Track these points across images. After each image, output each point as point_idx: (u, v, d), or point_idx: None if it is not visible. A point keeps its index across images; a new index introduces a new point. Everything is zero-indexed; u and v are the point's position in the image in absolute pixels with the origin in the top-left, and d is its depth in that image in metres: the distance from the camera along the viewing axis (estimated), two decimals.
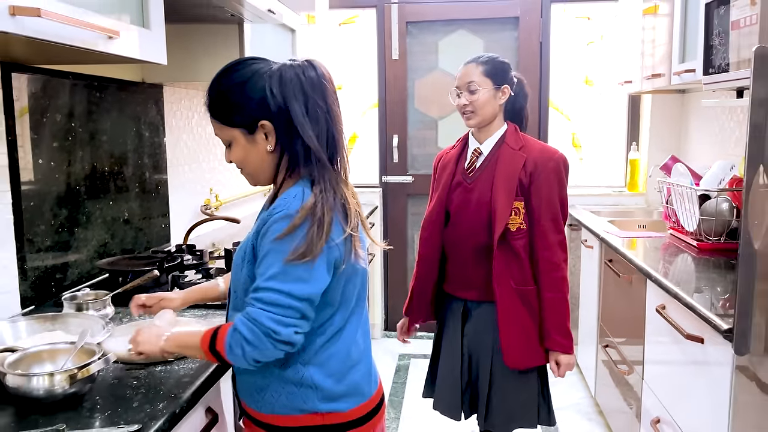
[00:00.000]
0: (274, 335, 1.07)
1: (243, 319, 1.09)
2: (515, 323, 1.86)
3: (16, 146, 1.59)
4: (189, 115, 2.63)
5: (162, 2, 1.57)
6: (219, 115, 1.20)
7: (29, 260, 1.64)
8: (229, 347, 1.09)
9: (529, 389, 1.92)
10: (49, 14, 1.09)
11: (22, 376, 1.07)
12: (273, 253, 1.09)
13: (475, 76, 1.87)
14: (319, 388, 1.18)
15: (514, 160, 1.85)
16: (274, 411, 1.19)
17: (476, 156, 1.94)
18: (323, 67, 1.19)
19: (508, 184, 1.83)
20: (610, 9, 3.71)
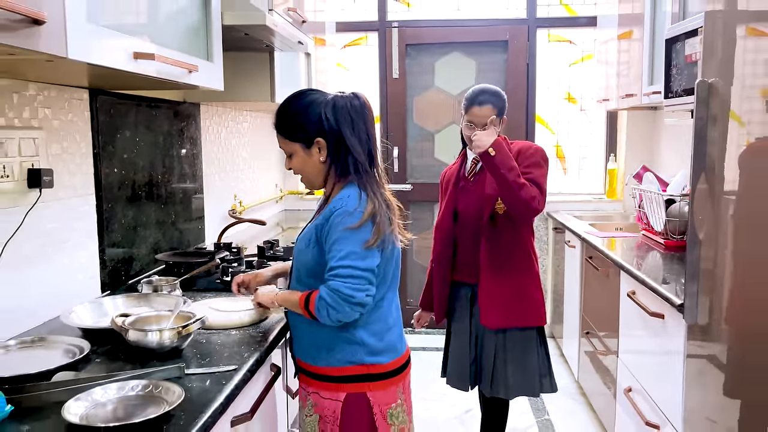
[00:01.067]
0: (351, 300, 1.42)
1: (326, 289, 1.43)
2: (493, 289, 2.25)
3: (99, 158, 1.92)
4: (219, 130, 2.97)
5: (221, 40, 1.92)
6: (284, 132, 1.55)
7: (107, 252, 1.97)
8: (317, 310, 1.45)
9: (529, 356, 2.28)
10: (160, 58, 1.43)
11: (141, 332, 1.40)
12: (342, 240, 1.44)
13: (490, 118, 2.21)
14: (365, 345, 1.53)
15: None
16: (329, 364, 1.53)
17: (476, 163, 2.33)
18: (365, 98, 1.55)
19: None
20: (590, 34, 4.11)
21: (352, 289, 1.42)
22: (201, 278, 2.15)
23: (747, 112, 1.50)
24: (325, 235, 1.48)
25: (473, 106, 2.25)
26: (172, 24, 1.65)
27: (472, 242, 2.28)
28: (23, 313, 1.60)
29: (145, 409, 1.12)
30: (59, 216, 1.74)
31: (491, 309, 2.27)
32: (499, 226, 2.24)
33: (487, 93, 2.26)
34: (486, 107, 2.24)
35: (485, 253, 2.25)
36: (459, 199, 2.33)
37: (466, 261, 2.32)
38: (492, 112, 2.23)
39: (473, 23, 4.18)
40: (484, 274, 2.26)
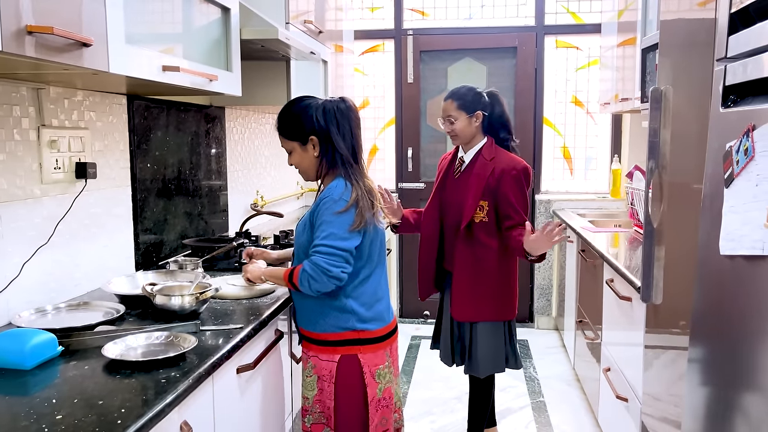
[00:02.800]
0: (328, 273, 1.70)
1: (308, 262, 1.72)
2: (466, 287, 2.46)
3: (135, 154, 2.24)
4: (242, 131, 3.27)
5: (239, 52, 2.21)
6: (284, 133, 1.84)
7: (140, 236, 2.28)
8: (300, 281, 1.73)
9: (497, 342, 2.51)
10: (186, 70, 1.73)
11: (166, 296, 1.69)
12: (327, 223, 1.72)
13: (451, 111, 2.46)
14: (355, 313, 1.81)
15: (485, 168, 2.43)
16: (326, 330, 1.82)
17: (461, 163, 2.54)
18: (351, 101, 1.84)
19: (477, 186, 2.41)
20: (595, 40, 4.30)
21: (329, 264, 1.69)
22: (221, 260, 2.44)
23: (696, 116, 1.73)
24: (315, 219, 1.76)
25: (442, 103, 2.53)
26: (196, 39, 1.94)
27: (453, 237, 2.51)
28: (71, 283, 1.91)
29: (166, 352, 1.41)
30: (101, 203, 2.05)
31: (462, 306, 2.49)
32: (475, 232, 2.43)
33: (452, 90, 2.50)
34: (447, 103, 2.48)
35: (460, 254, 2.46)
36: (444, 195, 2.56)
37: (449, 252, 2.56)
38: (452, 105, 2.46)
39: (484, 31, 4.42)
40: (457, 272, 2.47)
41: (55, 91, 1.83)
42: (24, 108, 1.71)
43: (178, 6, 1.83)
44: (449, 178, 2.57)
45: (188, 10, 1.89)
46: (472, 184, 2.43)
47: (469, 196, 2.42)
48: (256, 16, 2.35)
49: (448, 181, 2.57)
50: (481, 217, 2.43)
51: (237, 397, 1.61)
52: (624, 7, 3.65)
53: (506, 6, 4.41)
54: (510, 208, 2.38)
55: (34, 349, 1.33)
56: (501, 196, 2.39)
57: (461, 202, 2.46)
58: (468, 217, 2.42)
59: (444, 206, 2.55)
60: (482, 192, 2.41)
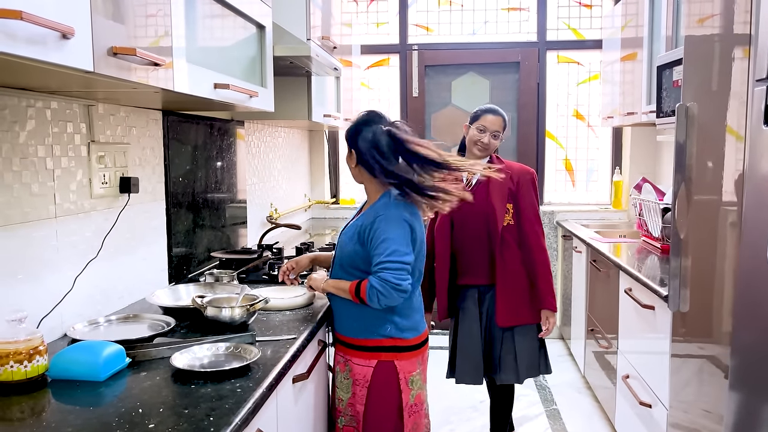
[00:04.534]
0: (398, 288, 1.76)
1: (377, 279, 1.76)
2: (510, 294, 2.52)
3: (169, 168, 2.27)
4: (258, 144, 3.31)
5: (272, 68, 2.26)
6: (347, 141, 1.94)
7: (173, 249, 2.31)
8: (369, 297, 1.78)
9: (531, 348, 2.57)
10: (234, 87, 1.77)
11: (217, 308, 1.72)
12: (390, 240, 1.78)
13: (499, 128, 2.54)
14: (395, 323, 1.87)
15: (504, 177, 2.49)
16: (365, 336, 1.88)
17: (472, 175, 2.56)
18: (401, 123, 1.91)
19: (501, 193, 2.50)
20: (596, 56, 4.43)
21: (398, 279, 1.76)
22: (252, 272, 2.48)
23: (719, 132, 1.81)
24: (368, 235, 1.81)
25: (488, 114, 2.54)
26: (237, 57, 1.99)
27: (479, 248, 2.54)
28: (115, 296, 1.93)
29: (231, 362, 1.45)
30: (140, 217, 2.08)
31: (506, 312, 2.54)
32: (506, 236, 2.51)
33: (499, 109, 2.57)
34: (499, 118, 2.55)
35: (501, 263, 2.51)
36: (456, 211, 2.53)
37: (472, 264, 2.57)
38: (501, 124, 2.54)
39: (487, 46, 4.52)
40: (500, 280, 2.52)
41: (102, 107, 1.87)
42: (76, 124, 1.74)
43: (222, 24, 1.88)
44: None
45: (231, 29, 1.94)
46: (495, 190, 2.49)
47: (496, 202, 2.50)
48: (287, 34, 2.41)
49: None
50: (508, 219, 2.53)
51: (293, 404, 1.65)
52: (625, 24, 3.77)
53: (509, 22, 4.52)
54: (531, 212, 2.52)
55: (107, 360, 1.36)
56: (521, 199, 2.51)
57: (486, 210, 2.51)
58: (501, 222, 2.50)
59: (461, 220, 2.56)
60: (507, 196, 2.51)
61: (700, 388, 1.91)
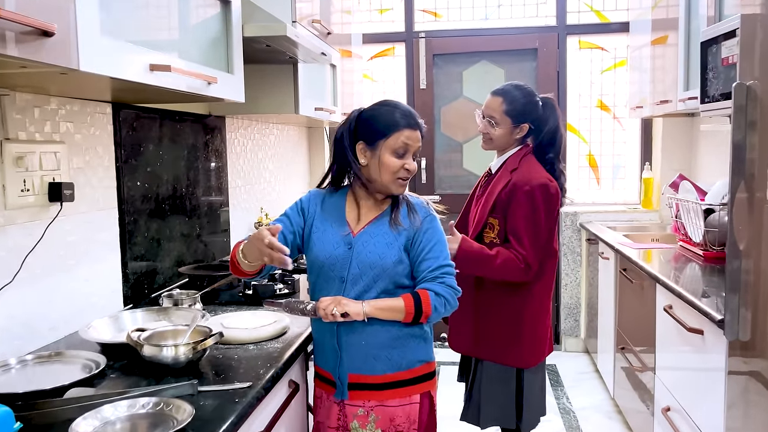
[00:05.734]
0: (457, 293, 1.57)
1: (442, 287, 1.54)
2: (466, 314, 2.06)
3: (122, 171, 1.93)
4: (245, 143, 2.97)
5: (241, 51, 1.91)
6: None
7: (130, 265, 1.97)
8: (435, 308, 1.52)
9: (504, 390, 2.10)
10: (177, 70, 1.42)
11: (156, 347, 1.37)
12: (441, 242, 1.60)
13: (496, 113, 2.06)
14: (428, 339, 1.62)
15: (502, 180, 2.06)
16: (399, 367, 1.55)
17: (487, 175, 2.21)
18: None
19: (487, 201, 2.06)
20: (623, 40, 4.01)
21: (456, 285, 1.58)
22: (224, 291, 2.13)
23: None
24: (418, 239, 1.56)
25: (488, 95, 2.12)
26: (191, 36, 1.64)
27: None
28: (45, 327, 1.59)
29: (153, 428, 1.09)
30: (80, 229, 1.74)
31: (458, 333, 2.14)
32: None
33: (503, 88, 2.09)
34: (496, 98, 2.07)
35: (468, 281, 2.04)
36: (471, 206, 2.25)
37: None
38: (500, 107, 2.05)
39: (501, 32, 4.13)
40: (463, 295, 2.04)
41: (22, 98, 1.53)
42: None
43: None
44: (478, 190, 2.24)
45: (182, 1, 1.59)
46: (484, 197, 2.11)
47: (478, 210, 2.12)
48: (260, 11, 2.05)
49: (476, 194, 2.24)
50: (491, 237, 2.05)
51: None
52: (655, 3, 3.35)
53: (525, 5, 4.12)
54: (513, 233, 2.00)
55: None
56: (509, 215, 2.01)
57: (474, 215, 2.16)
58: (474, 233, 2.07)
59: (467, 224, 2.21)
60: (491, 206, 2.04)
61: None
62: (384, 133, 1.53)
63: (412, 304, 1.50)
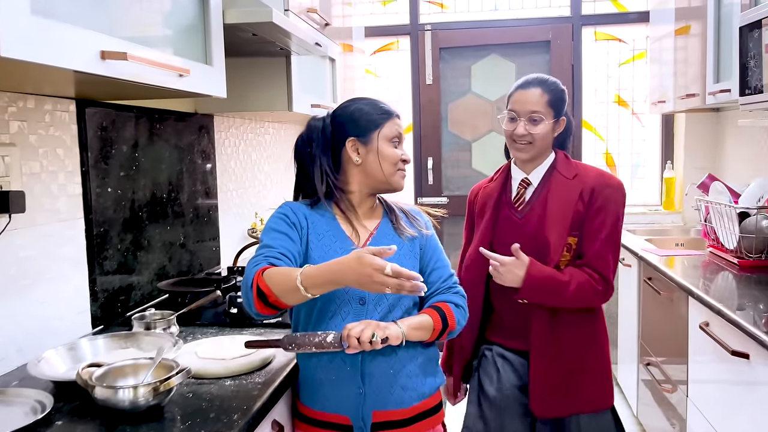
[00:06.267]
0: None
1: (459, 297, 1.45)
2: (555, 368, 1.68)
3: (88, 176, 1.71)
4: (236, 143, 2.75)
5: (222, 41, 1.68)
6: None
7: (99, 282, 1.75)
8: (458, 321, 1.42)
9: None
10: (134, 57, 1.20)
11: (110, 389, 1.16)
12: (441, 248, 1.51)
13: (540, 105, 1.67)
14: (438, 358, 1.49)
15: (569, 191, 1.68)
16: (424, 394, 1.39)
17: (524, 187, 1.75)
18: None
19: (562, 217, 1.66)
20: (642, 31, 3.76)
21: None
22: (208, 309, 1.92)
23: None
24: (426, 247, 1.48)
25: (517, 91, 1.72)
26: (159, 21, 1.42)
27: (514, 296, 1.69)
28: None
29: None
30: (37, 244, 1.52)
31: (549, 397, 1.68)
32: None
33: (538, 78, 1.72)
34: (534, 90, 1.68)
35: (540, 319, 1.68)
36: (499, 233, 1.76)
37: (512, 320, 1.75)
38: (542, 98, 1.67)
39: (512, 23, 3.89)
40: (536, 346, 1.68)
41: None
42: None
43: None
44: (504, 210, 1.77)
45: None
46: (554, 212, 1.67)
47: (552, 231, 1.66)
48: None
49: (503, 216, 1.77)
50: (566, 260, 1.67)
51: None
52: None
53: None
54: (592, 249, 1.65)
55: None
56: (589, 229, 1.66)
57: (537, 242, 1.67)
58: (554, 261, 1.65)
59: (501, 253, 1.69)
60: (570, 224, 1.66)
61: None
62: (377, 123, 1.43)
63: (440, 320, 1.39)
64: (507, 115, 1.74)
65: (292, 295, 1.22)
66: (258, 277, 1.24)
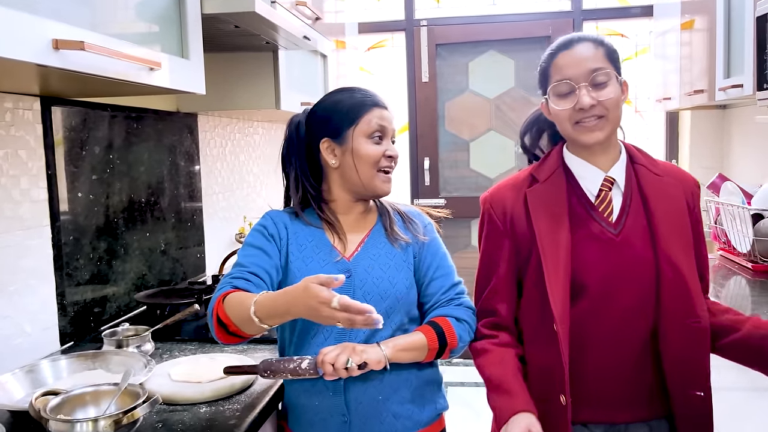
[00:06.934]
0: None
1: (461, 309, 1.27)
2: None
3: (55, 180, 1.58)
4: (223, 144, 2.62)
5: (200, 33, 1.55)
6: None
7: (68, 295, 1.62)
8: (460, 337, 1.24)
9: None
10: (93, 47, 1.06)
11: (65, 422, 1.02)
12: (446, 255, 1.35)
13: (600, 61, 1.19)
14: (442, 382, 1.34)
15: (671, 192, 1.23)
16: (421, 424, 1.26)
17: (608, 188, 1.24)
18: None
19: (681, 231, 1.20)
20: (645, 25, 3.64)
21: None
22: (189, 322, 1.79)
23: None
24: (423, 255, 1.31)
25: (560, 54, 1.21)
26: (131, 10, 1.29)
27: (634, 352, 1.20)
28: None
29: None
30: None
31: None
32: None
33: (579, 34, 1.25)
34: (585, 45, 1.19)
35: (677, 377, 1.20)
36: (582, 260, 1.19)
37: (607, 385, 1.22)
38: (598, 52, 1.19)
39: (511, 18, 3.75)
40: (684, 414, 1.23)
41: None
42: None
43: None
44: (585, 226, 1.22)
45: None
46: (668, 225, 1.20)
47: (679, 250, 1.18)
48: None
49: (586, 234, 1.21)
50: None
51: None
52: None
53: None
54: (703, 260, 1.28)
55: None
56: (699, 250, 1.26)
57: (653, 269, 1.18)
58: (698, 287, 1.19)
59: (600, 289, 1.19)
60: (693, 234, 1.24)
61: None
62: (351, 119, 1.25)
63: (435, 338, 1.23)
64: (553, 91, 1.21)
65: (249, 325, 1.07)
66: (218, 305, 1.11)
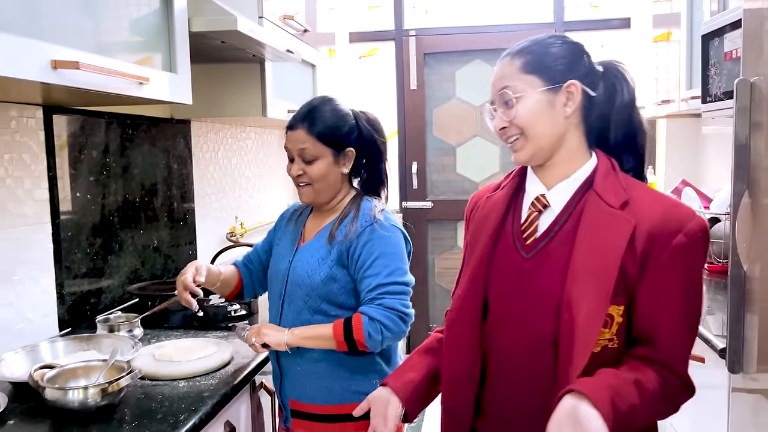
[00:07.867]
0: (406, 318, 1.37)
1: (379, 309, 1.33)
2: None
3: (56, 181, 1.74)
4: (215, 148, 2.78)
5: (188, 48, 1.72)
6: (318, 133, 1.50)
7: (67, 286, 1.78)
8: (368, 334, 1.32)
9: None
10: (87, 66, 1.23)
11: (59, 390, 1.18)
12: (387, 256, 1.37)
13: (510, 78, 1.06)
14: (382, 372, 1.43)
15: (613, 227, 1.01)
16: (344, 400, 1.38)
17: (538, 210, 1.09)
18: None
19: (602, 271, 0.99)
20: (623, 36, 3.79)
21: (404, 306, 1.37)
22: (176, 312, 1.95)
23: None
24: (355, 253, 1.38)
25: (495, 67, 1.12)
26: (124, 31, 1.45)
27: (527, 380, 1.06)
28: None
29: None
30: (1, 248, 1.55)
31: None
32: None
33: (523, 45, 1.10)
34: (502, 63, 1.10)
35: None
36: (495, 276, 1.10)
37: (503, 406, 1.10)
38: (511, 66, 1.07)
39: (496, 29, 3.91)
40: None
41: None
42: None
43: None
44: (507, 242, 1.11)
45: None
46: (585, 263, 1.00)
47: (587, 292, 0.99)
48: (212, 4, 1.86)
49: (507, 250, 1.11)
50: (606, 340, 1.01)
51: None
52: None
53: (520, 0, 3.91)
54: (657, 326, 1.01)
55: None
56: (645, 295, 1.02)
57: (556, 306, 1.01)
58: (588, 345, 0.97)
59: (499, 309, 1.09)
60: (615, 283, 0.99)
61: None
62: None
63: (341, 332, 1.34)
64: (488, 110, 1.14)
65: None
66: None
